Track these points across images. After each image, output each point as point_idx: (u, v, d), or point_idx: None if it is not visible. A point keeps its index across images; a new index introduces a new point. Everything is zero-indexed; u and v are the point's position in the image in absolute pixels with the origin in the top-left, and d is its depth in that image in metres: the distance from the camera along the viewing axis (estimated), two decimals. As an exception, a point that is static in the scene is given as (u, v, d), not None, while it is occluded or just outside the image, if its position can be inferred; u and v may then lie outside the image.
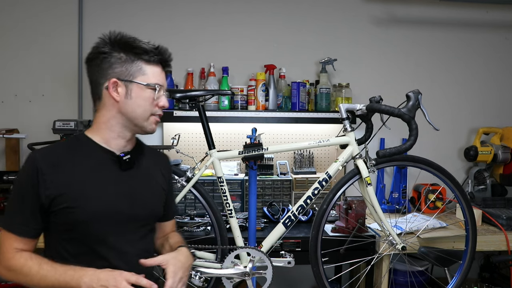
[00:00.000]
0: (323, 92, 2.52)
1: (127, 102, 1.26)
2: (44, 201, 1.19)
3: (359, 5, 2.72)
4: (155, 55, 1.28)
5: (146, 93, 1.27)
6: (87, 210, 1.21)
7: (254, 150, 1.88)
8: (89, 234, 1.23)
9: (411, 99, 1.79)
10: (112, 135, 1.28)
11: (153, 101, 1.29)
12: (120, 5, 2.56)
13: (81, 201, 1.21)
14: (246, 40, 2.66)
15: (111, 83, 1.24)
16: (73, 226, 1.21)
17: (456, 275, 2.09)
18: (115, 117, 1.27)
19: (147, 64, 1.27)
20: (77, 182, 1.22)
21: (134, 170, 1.32)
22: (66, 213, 1.20)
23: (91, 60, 1.28)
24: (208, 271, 1.83)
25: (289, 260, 1.90)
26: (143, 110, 1.28)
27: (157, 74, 1.30)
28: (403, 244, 1.93)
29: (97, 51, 1.26)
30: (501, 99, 2.87)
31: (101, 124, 1.29)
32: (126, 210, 1.28)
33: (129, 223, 1.29)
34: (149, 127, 1.31)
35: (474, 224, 2.07)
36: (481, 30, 2.83)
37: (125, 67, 1.25)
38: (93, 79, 1.28)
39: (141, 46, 1.27)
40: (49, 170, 1.19)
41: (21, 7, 2.52)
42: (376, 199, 1.93)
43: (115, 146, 1.29)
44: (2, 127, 2.43)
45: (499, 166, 2.71)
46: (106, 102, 1.27)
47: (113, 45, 1.26)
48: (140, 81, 1.26)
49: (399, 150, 1.79)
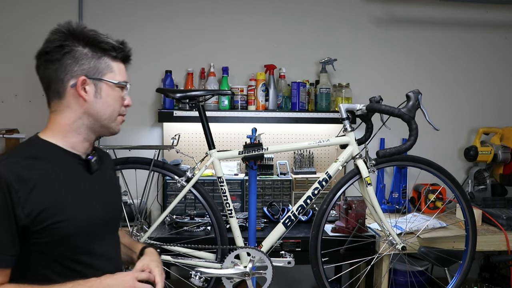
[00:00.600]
0: (323, 92, 2.52)
1: (96, 102, 1.16)
2: (24, 222, 1.03)
3: (359, 5, 2.72)
4: (121, 51, 1.21)
5: (115, 92, 1.20)
6: (75, 221, 1.11)
7: (254, 150, 1.88)
8: (78, 246, 1.13)
9: (411, 99, 1.80)
10: (79, 139, 1.18)
11: (121, 100, 1.23)
12: (120, 5, 2.56)
13: (67, 212, 1.09)
14: (246, 40, 2.66)
15: (80, 81, 1.13)
16: (61, 241, 1.09)
17: (456, 275, 2.09)
18: (81, 119, 1.16)
19: (113, 60, 1.20)
20: (55, 194, 1.09)
21: (98, 171, 1.24)
22: (54, 228, 1.06)
23: (47, 54, 1.14)
24: (208, 271, 1.83)
25: (289, 260, 1.90)
26: (113, 110, 1.20)
27: (123, 71, 1.23)
28: (403, 244, 1.93)
29: (56, 44, 1.13)
30: (501, 99, 2.87)
31: (65, 127, 1.16)
32: (103, 214, 1.22)
33: (107, 227, 1.25)
34: (116, 128, 1.24)
35: (474, 224, 2.07)
36: (481, 30, 2.83)
37: (93, 63, 1.15)
38: (51, 76, 1.15)
39: (108, 41, 1.18)
40: (20, 185, 1.03)
41: (21, 7, 2.52)
42: (376, 199, 1.93)
43: (81, 150, 1.20)
44: (2, 127, 2.43)
45: (499, 166, 2.71)
46: (70, 102, 1.15)
47: (75, 38, 1.14)
48: (109, 79, 1.18)
49: (399, 150, 1.79)
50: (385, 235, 2.00)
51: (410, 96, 1.80)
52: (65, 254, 1.11)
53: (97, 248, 1.19)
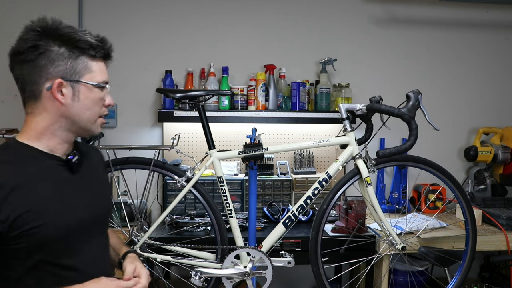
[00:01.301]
0: (323, 92, 2.52)
1: (73, 105, 1.11)
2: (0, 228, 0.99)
3: (359, 5, 2.72)
4: (100, 49, 1.13)
5: (94, 93, 1.13)
6: (56, 225, 1.06)
7: (254, 150, 1.88)
8: (59, 250, 1.08)
9: (411, 99, 1.79)
10: (57, 141, 1.13)
11: (101, 101, 1.16)
12: (120, 5, 2.56)
13: (46, 217, 1.05)
14: (246, 40, 2.66)
15: (56, 84, 1.07)
16: (40, 246, 1.05)
17: (456, 275, 2.09)
18: (58, 121, 1.11)
19: (92, 60, 1.13)
20: (33, 198, 1.04)
21: (81, 170, 1.19)
22: (30, 234, 1.02)
23: (20, 54, 1.08)
24: (208, 271, 1.83)
25: (289, 260, 1.90)
26: (92, 112, 1.15)
27: (103, 70, 1.16)
28: (403, 244, 1.93)
29: (30, 44, 1.07)
30: (501, 99, 2.87)
31: (42, 130, 1.11)
32: (88, 214, 1.17)
33: (93, 227, 1.20)
34: (97, 130, 1.19)
35: (474, 224, 2.07)
36: (481, 30, 2.83)
37: (70, 64, 1.09)
38: (25, 77, 1.10)
39: (86, 39, 1.10)
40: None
41: (21, 7, 2.52)
42: (376, 199, 1.93)
43: (60, 152, 1.15)
44: (2, 127, 2.43)
45: (499, 166, 2.71)
46: (47, 105, 1.09)
47: (50, 37, 1.08)
48: (87, 80, 1.12)
49: (399, 150, 1.79)
50: (385, 235, 2.00)
51: (410, 96, 1.80)
52: (46, 259, 1.07)
53: (81, 251, 1.14)
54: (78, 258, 1.13)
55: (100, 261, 1.22)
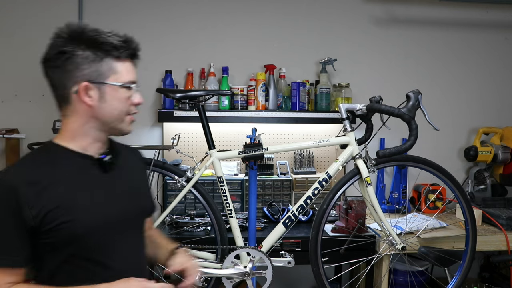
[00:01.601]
0: (323, 92, 2.52)
1: (101, 106, 1.14)
2: (32, 223, 1.06)
3: (359, 5, 2.72)
4: (125, 50, 1.16)
5: (120, 93, 1.16)
6: (83, 222, 1.11)
7: (254, 150, 1.88)
8: (89, 246, 1.13)
9: (411, 99, 1.80)
10: (89, 140, 1.18)
11: (128, 101, 1.19)
12: (120, 4, 2.56)
13: (74, 213, 1.10)
14: (246, 40, 2.66)
15: (82, 88, 1.11)
16: (71, 241, 1.10)
17: (456, 275, 2.09)
18: (89, 123, 1.16)
19: (117, 61, 1.15)
20: (64, 195, 1.10)
21: (115, 170, 1.22)
22: (60, 229, 1.08)
23: (50, 61, 1.14)
24: (208, 271, 1.83)
25: (289, 260, 1.90)
26: (119, 112, 1.18)
27: (129, 70, 1.18)
28: (403, 244, 1.93)
29: (57, 50, 1.11)
30: (501, 99, 2.87)
31: (74, 131, 1.16)
32: (117, 213, 1.20)
33: (124, 225, 1.22)
34: (127, 129, 1.22)
35: (474, 224, 2.07)
36: (481, 30, 2.83)
37: (94, 67, 1.12)
38: (56, 82, 1.14)
39: (109, 41, 1.13)
40: (28, 189, 1.06)
41: (21, 7, 2.52)
42: (376, 199, 1.93)
43: (92, 150, 1.19)
44: (2, 127, 2.43)
45: (499, 166, 2.71)
46: (77, 108, 1.14)
47: (75, 42, 1.11)
48: (113, 81, 1.14)
49: (399, 150, 1.79)
50: (385, 235, 2.01)
51: (410, 96, 1.80)
52: (77, 254, 1.12)
53: (112, 249, 1.18)
54: (109, 255, 1.17)
55: (132, 260, 1.24)
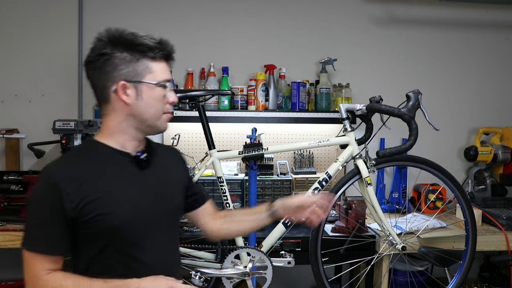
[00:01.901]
0: (323, 92, 2.52)
1: (138, 104, 1.21)
2: (71, 214, 1.14)
3: (359, 5, 2.72)
4: (160, 51, 1.24)
5: (156, 92, 1.23)
6: (119, 215, 1.18)
7: (254, 150, 1.88)
8: (123, 239, 1.20)
9: (411, 99, 1.80)
10: (127, 138, 1.25)
11: (164, 99, 1.25)
12: (120, 4, 2.56)
13: (111, 206, 1.18)
14: (246, 40, 2.66)
15: (120, 86, 1.19)
16: (106, 233, 1.18)
17: (456, 275, 2.09)
18: (127, 120, 1.23)
19: (152, 61, 1.23)
20: (102, 189, 1.18)
21: (151, 167, 1.29)
22: (97, 221, 1.16)
23: (91, 62, 1.21)
24: (208, 271, 1.83)
25: (289, 260, 1.90)
26: (155, 110, 1.24)
27: (164, 69, 1.26)
28: (403, 244, 1.93)
29: (97, 53, 1.20)
30: (501, 99, 2.87)
31: (113, 128, 1.24)
32: (154, 208, 1.26)
33: (158, 221, 1.28)
34: (162, 126, 1.28)
35: (474, 224, 2.07)
36: (481, 30, 2.83)
37: (131, 67, 1.20)
38: (97, 83, 1.23)
39: (145, 42, 1.21)
40: (68, 183, 1.14)
41: (21, 7, 2.52)
42: (376, 199, 1.93)
43: (130, 148, 1.26)
44: (2, 127, 2.43)
45: (499, 166, 2.71)
46: (115, 106, 1.22)
47: (114, 45, 1.20)
48: (149, 80, 1.22)
49: (399, 150, 1.79)
50: (385, 235, 2.00)
51: (410, 96, 1.80)
52: (111, 246, 1.19)
53: (145, 244, 1.23)
54: (141, 249, 1.23)
55: (164, 256, 1.29)
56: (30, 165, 2.53)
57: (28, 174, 2.23)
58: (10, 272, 2.47)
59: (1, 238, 2.04)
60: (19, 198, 2.18)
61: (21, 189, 2.19)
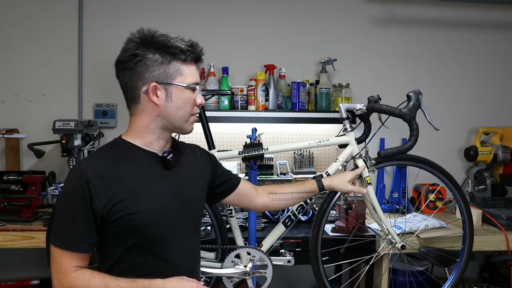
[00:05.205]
0: (323, 92, 2.52)
1: (167, 105, 1.23)
2: (101, 212, 1.16)
3: (359, 5, 2.73)
4: (191, 54, 1.25)
5: (185, 94, 1.24)
6: (147, 214, 1.20)
7: (254, 150, 1.88)
8: (150, 238, 1.22)
9: (411, 99, 1.79)
10: (153, 138, 1.26)
11: (192, 101, 1.26)
12: (119, 5, 2.56)
13: (139, 206, 1.19)
14: (246, 40, 2.66)
15: (151, 87, 1.20)
16: (134, 232, 1.20)
17: (453, 274, 2.09)
18: (155, 121, 1.24)
19: (183, 63, 1.24)
20: (130, 188, 1.20)
21: (177, 167, 1.31)
22: (125, 220, 1.18)
23: (123, 63, 1.22)
24: (209, 271, 1.83)
25: (289, 259, 1.90)
26: (184, 111, 1.25)
27: (194, 72, 1.27)
28: (403, 243, 1.93)
29: (130, 53, 1.20)
30: (501, 99, 2.87)
31: (141, 128, 1.25)
32: (179, 208, 1.28)
33: (183, 220, 1.30)
34: (189, 128, 1.29)
35: (471, 223, 2.07)
36: (481, 30, 2.84)
37: (162, 69, 1.21)
38: (127, 83, 1.23)
39: (177, 45, 1.22)
40: (98, 181, 1.16)
41: (21, 7, 2.52)
42: (376, 199, 1.93)
43: (156, 148, 1.27)
44: (2, 127, 2.43)
45: (499, 166, 2.71)
46: (145, 106, 1.23)
47: (146, 46, 1.21)
48: (179, 82, 1.23)
49: (400, 150, 1.79)
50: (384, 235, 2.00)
51: (411, 96, 1.80)
52: (138, 244, 1.21)
53: (171, 243, 1.26)
54: (167, 249, 1.25)
55: (187, 256, 1.32)
56: (30, 165, 2.53)
57: (28, 174, 2.23)
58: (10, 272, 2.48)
59: (1, 238, 2.04)
60: (19, 198, 2.18)
61: (21, 189, 2.20)
